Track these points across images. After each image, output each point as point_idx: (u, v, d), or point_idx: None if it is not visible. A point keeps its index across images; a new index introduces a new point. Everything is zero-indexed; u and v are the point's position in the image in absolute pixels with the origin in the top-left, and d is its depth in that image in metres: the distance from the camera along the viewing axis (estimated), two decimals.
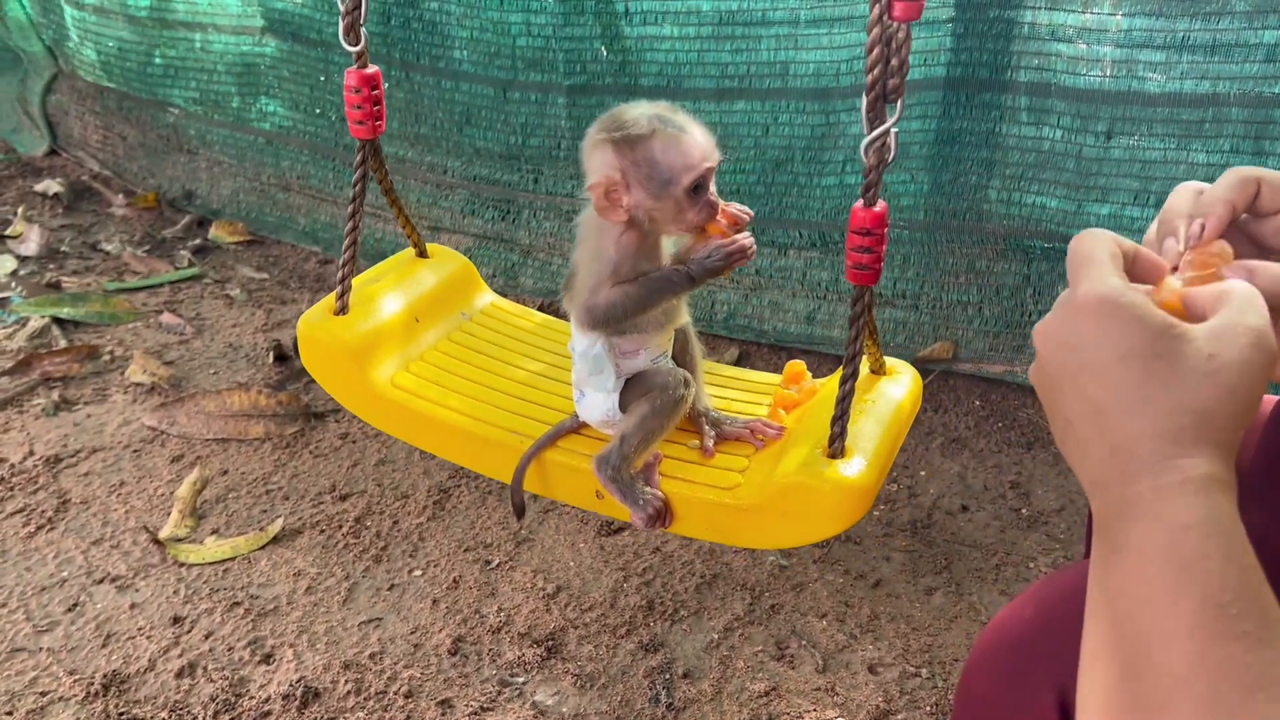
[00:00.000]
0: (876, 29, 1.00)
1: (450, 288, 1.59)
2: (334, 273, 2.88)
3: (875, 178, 1.08)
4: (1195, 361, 0.63)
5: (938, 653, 1.63)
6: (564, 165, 2.60)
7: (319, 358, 1.44)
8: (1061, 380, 0.67)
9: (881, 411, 1.27)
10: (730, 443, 1.31)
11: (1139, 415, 0.63)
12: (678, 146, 1.15)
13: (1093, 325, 0.65)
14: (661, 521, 1.24)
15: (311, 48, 2.82)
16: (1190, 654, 0.56)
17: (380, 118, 1.40)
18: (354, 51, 1.36)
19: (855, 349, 1.15)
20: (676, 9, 2.32)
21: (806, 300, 2.43)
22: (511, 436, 1.33)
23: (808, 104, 2.27)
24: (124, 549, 1.83)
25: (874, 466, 1.17)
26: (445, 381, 1.42)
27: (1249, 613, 0.56)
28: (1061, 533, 1.88)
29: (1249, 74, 1.90)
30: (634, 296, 1.20)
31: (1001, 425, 2.19)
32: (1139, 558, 0.60)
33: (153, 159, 3.29)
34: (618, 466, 1.23)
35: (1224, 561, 0.58)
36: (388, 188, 1.51)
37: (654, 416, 1.24)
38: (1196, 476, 0.61)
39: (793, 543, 1.22)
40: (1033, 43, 2.06)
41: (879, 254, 1.11)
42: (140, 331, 2.53)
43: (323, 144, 2.93)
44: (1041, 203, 2.16)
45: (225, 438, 2.13)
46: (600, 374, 1.26)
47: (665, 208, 1.16)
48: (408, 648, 1.63)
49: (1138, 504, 0.62)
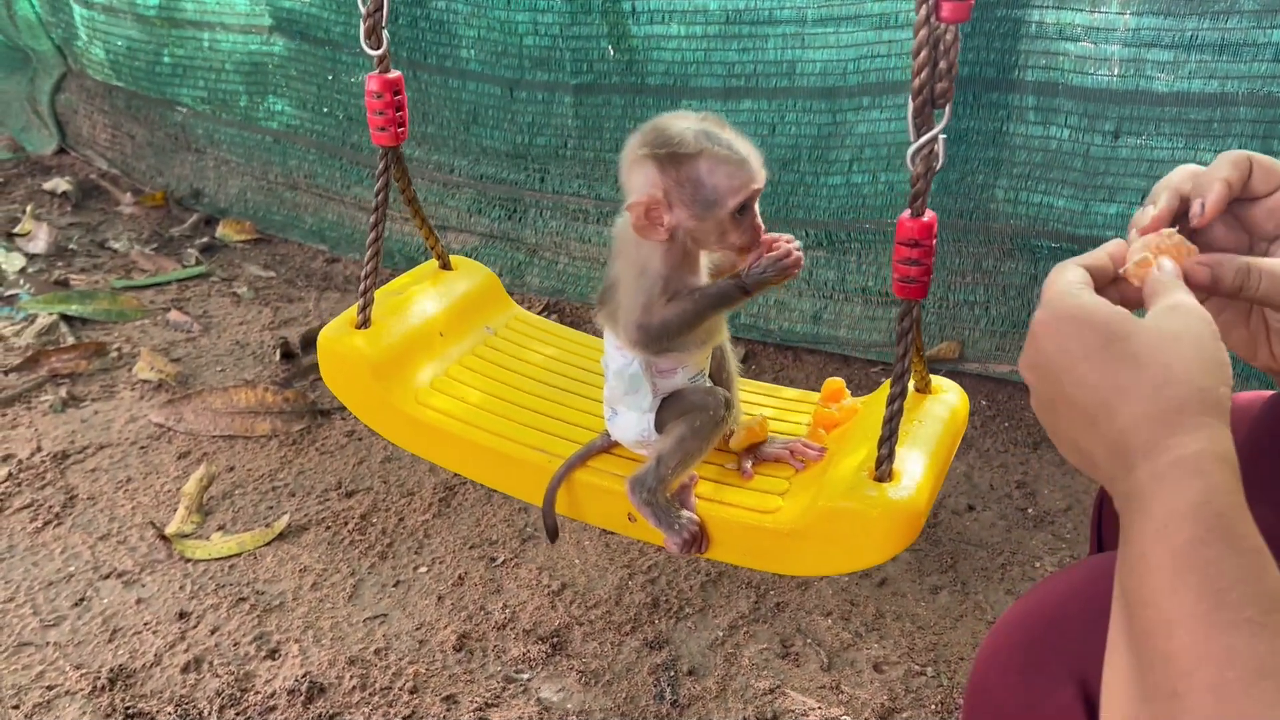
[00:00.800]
0: (924, 30, 0.95)
1: (474, 301, 1.53)
2: (340, 271, 2.90)
3: (923, 186, 1.02)
4: (1151, 337, 0.65)
5: (943, 651, 1.62)
6: (570, 164, 2.60)
7: (340, 373, 1.39)
8: (1053, 400, 0.69)
9: (929, 432, 1.21)
10: (769, 464, 1.25)
11: (1123, 403, 0.64)
12: (725, 167, 1.09)
13: (1051, 339, 0.68)
14: (697, 547, 1.18)
15: (319, 46, 2.82)
16: (1193, 644, 0.55)
17: (404, 124, 1.34)
18: (375, 55, 1.29)
19: (903, 366, 1.09)
20: (683, 8, 2.33)
21: (813, 300, 2.42)
22: (540, 456, 1.28)
23: (814, 103, 2.27)
24: (130, 544, 1.83)
25: (924, 490, 1.11)
26: (470, 398, 1.37)
27: (1250, 598, 0.56)
28: (1068, 532, 1.88)
29: (1257, 73, 1.90)
30: (689, 312, 1.14)
31: (1008, 425, 2.18)
32: (1138, 548, 0.61)
33: (161, 158, 3.30)
34: (654, 489, 1.17)
35: (1221, 547, 0.58)
36: (410, 197, 1.46)
37: (693, 438, 1.18)
38: (1189, 455, 0.61)
39: (836, 570, 1.15)
40: (1040, 42, 2.05)
41: (928, 266, 1.05)
42: (148, 329, 2.53)
43: (330, 143, 2.94)
44: (1049, 202, 2.16)
45: (232, 434, 2.13)
46: (636, 393, 1.20)
47: (708, 229, 1.12)
48: (413, 644, 1.63)
49: (1137, 493, 0.62)
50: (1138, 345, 0.65)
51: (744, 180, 1.10)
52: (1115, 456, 0.64)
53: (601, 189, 2.59)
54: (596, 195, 2.60)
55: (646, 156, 1.10)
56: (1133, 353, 0.65)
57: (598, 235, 2.64)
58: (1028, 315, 2.27)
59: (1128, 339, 0.65)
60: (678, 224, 1.12)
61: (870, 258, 2.35)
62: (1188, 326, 0.66)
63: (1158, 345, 0.65)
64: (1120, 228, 2.18)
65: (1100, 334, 0.66)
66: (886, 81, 2.19)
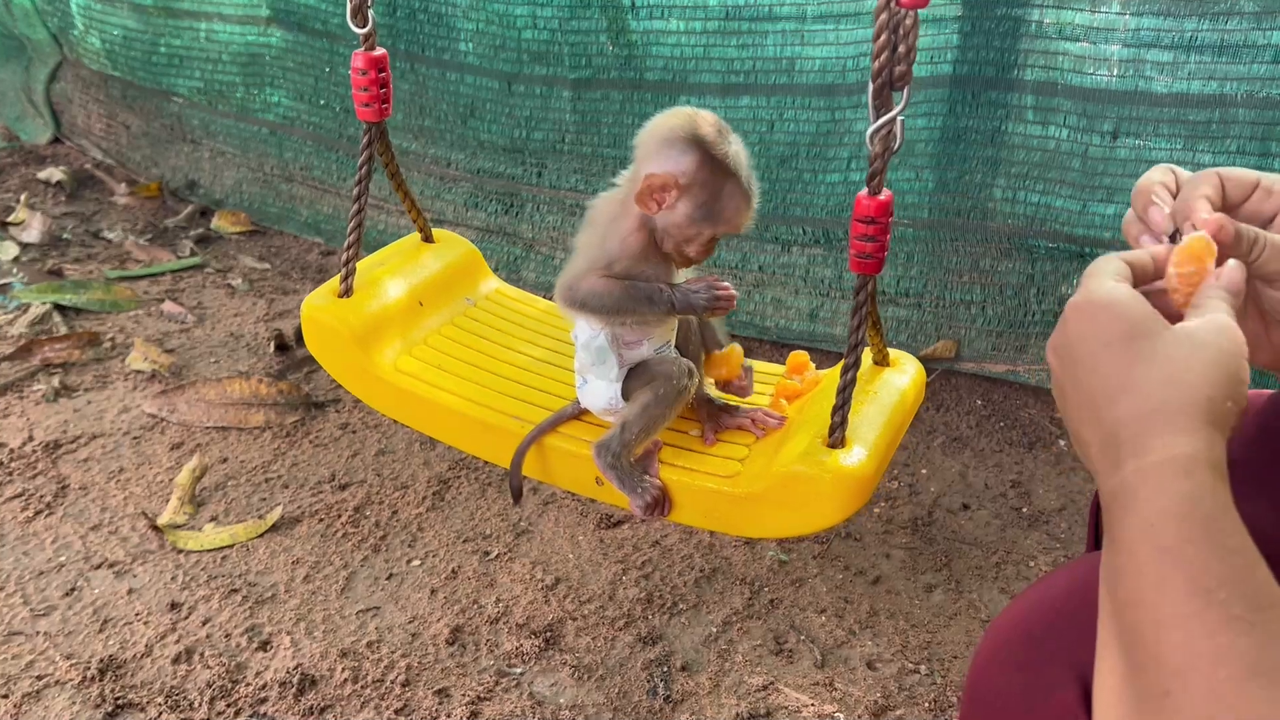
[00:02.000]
0: (884, 15, 1.00)
1: (455, 273, 1.58)
2: (336, 264, 2.88)
3: (880, 166, 1.07)
4: (1176, 339, 0.65)
5: (937, 650, 1.62)
6: (568, 159, 2.59)
7: (322, 340, 1.44)
8: (1065, 383, 0.70)
9: (883, 403, 1.27)
10: (731, 431, 1.31)
11: (1125, 396, 0.64)
12: (741, 203, 1.19)
13: (1080, 323, 0.69)
14: (660, 510, 1.24)
15: (316, 38, 2.81)
16: (1182, 644, 0.55)
17: (388, 100, 1.39)
18: (362, 33, 1.36)
19: (858, 338, 1.15)
20: (683, 3, 2.32)
21: (809, 297, 2.42)
22: (512, 422, 1.32)
23: (813, 100, 2.27)
24: (122, 535, 1.82)
25: (874, 457, 1.16)
26: (447, 366, 1.42)
27: (1238, 597, 0.55)
28: (1062, 532, 1.88)
29: (1256, 75, 1.90)
30: (612, 296, 1.21)
31: (1003, 425, 2.18)
32: (1124, 547, 0.60)
33: (156, 148, 3.29)
34: (617, 454, 1.23)
35: (1208, 546, 0.57)
36: (394, 171, 1.51)
37: (656, 405, 1.23)
38: (1179, 456, 0.60)
39: (791, 532, 1.21)
40: (1040, 41, 2.05)
41: (883, 243, 1.11)
42: (141, 319, 2.52)
43: (326, 135, 2.93)
44: (1046, 202, 2.16)
45: (225, 426, 2.12)
46: (603, 364, 1.26)
47: (686, 231, 1.20)
48: (405, 637, 1.63)
49: (1124, 491, 0.62)
50: (1160, 345, 0.65)
51: (741, 221, 1.21)
52: (1105, 450, 0.64)
53: (599, 184, 2.57)
54: (594, 190, 2.57)
55: (693, 143, 1.15)
56: (1152, 351, 0.65)
57: None
58: (1025, 315, 2.27)
59: (1151, 337, 0.65)
60: (670, 211, 1.18)
61: None
62: (1217, 341, 0.65)
63: (1178, 348, 0.64)
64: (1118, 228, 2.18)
65: (1126, 326, 0.66)
66: None
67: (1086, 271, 0.73)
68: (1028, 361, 2.28)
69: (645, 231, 1.20)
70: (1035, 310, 2.26)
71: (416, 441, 2.09)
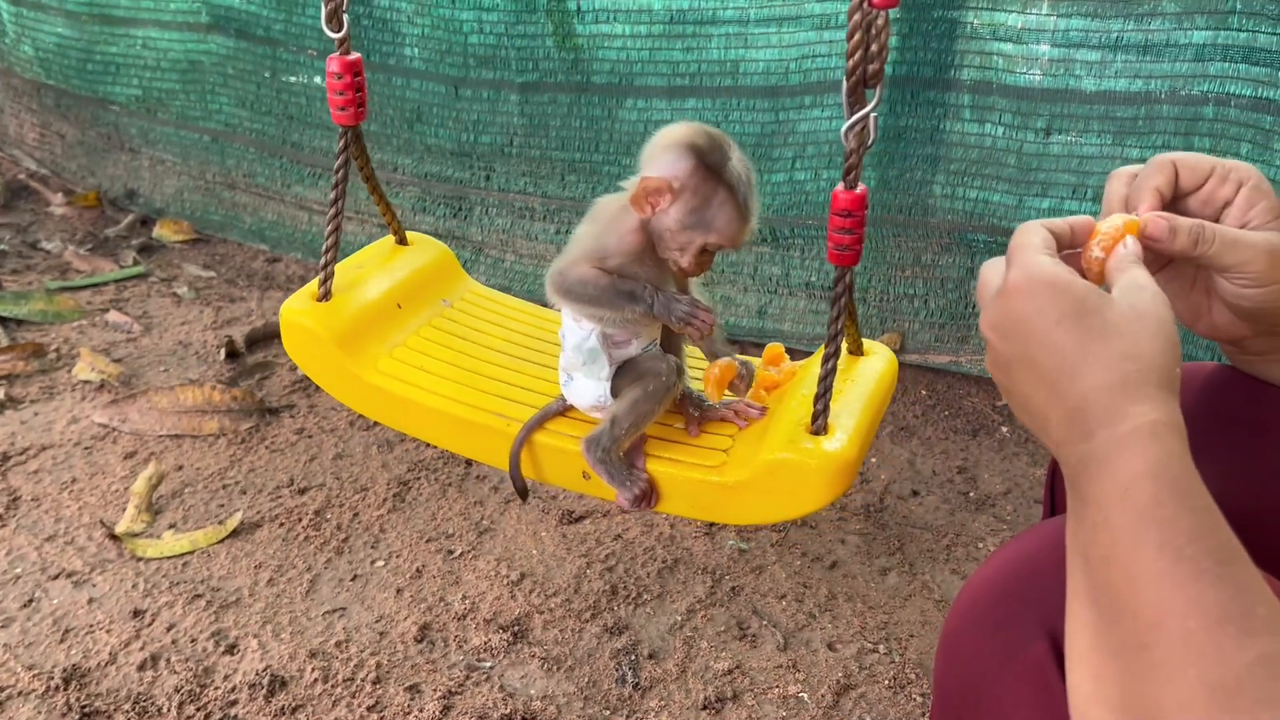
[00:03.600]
0: (858, 15, 1.03)
1: (431, 275, 1.59)
2: (282, 270, 2.88)
3: (856, 161, 1.10)
4: (1122, 312, 0.70)
5: (894, 630, 1.68)
6: (516, 162, 2.62)
7: (303, 345, 1.43)
8: (1012, 360, 0.73)
9: (861, 389, 1.30)
10: (714, 423, 1.33)
11: (1087, 370, 0.68)
12: (733, 212, 1.18)
13: (1025, 301, 0.71)
14: (647, 501, 1.26)
15: (258, 44, 2.80)
16: (1157, 598, 0.59)
17: (363, 104, 1.40)
18: (337, 38, 1.36)
19: (837, 328, 1.17)
20: (628, 7, 2.36)
21: (758, 295, 2.47)
22: (499, 420, 1.33)
23: (758, 101, 2.32)
24: (79, 545, 1.80)
25: (856, 441, 1.20)
26: (430, 367, 1.42)
27: (1206, 552, 0.60)
28: (1008, 514, 1.95)
29: (1179, 73, 1.99)
30: (598, 289, 1.22)
31: (948, 413, 2.25)
32: (1100, 510, 0.64)
33: (93, 157, 3.24)
34: (607, 448, 1.25)
35: (1177, 506, 0.62)
36: (369, 174, 1.51)
37: (646, 400, 1.25)
38: (1146, 424, 0.65)
39: (778, 517, 1.24)
40: (975, 42, 2.13)
41: (859, 235, 1.14)
42: (86, 330, 2.49)
43: (269, 142, 2.91)
44: (984, 197, 2.24)
45: (179, 434, 2.11)
46: (594, 364, 1.27)
47: (678, 237, 1.20)
48: (374, 635, 1.64)
49: (1096, 457, 0.66)
50: (1109, 318, 0.69)
51: (734, 233, 1.20)
52: (1072, 422, 0.68)
53: (548, 187, 2.61)
54: (543, 193, 2.62)
55: (690, 149, 1.17)
56: (1103, 324, 0.69)
57: (544, 233, 2.66)
58: (965, 307, 2.35)
59: (1100, 312, 0.69)
60: (664, 215, 1.19)
61: (813, 253, 2.40)
62: (1153, 308, 0.70)
63: (1127, 321, 0.69)
64: None
65: (1075, 303, 0.70)
66: (828, 80, 2.25)
67: (1014, 243, 0.76)
68: (970, 352, 2.36)
69: (643, 235, 1.21)
70: (975, 302, 2.34)
71: (374, 444, 2.09)
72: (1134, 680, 0.59)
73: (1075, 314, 0.70)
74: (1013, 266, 0.74)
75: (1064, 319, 0.69)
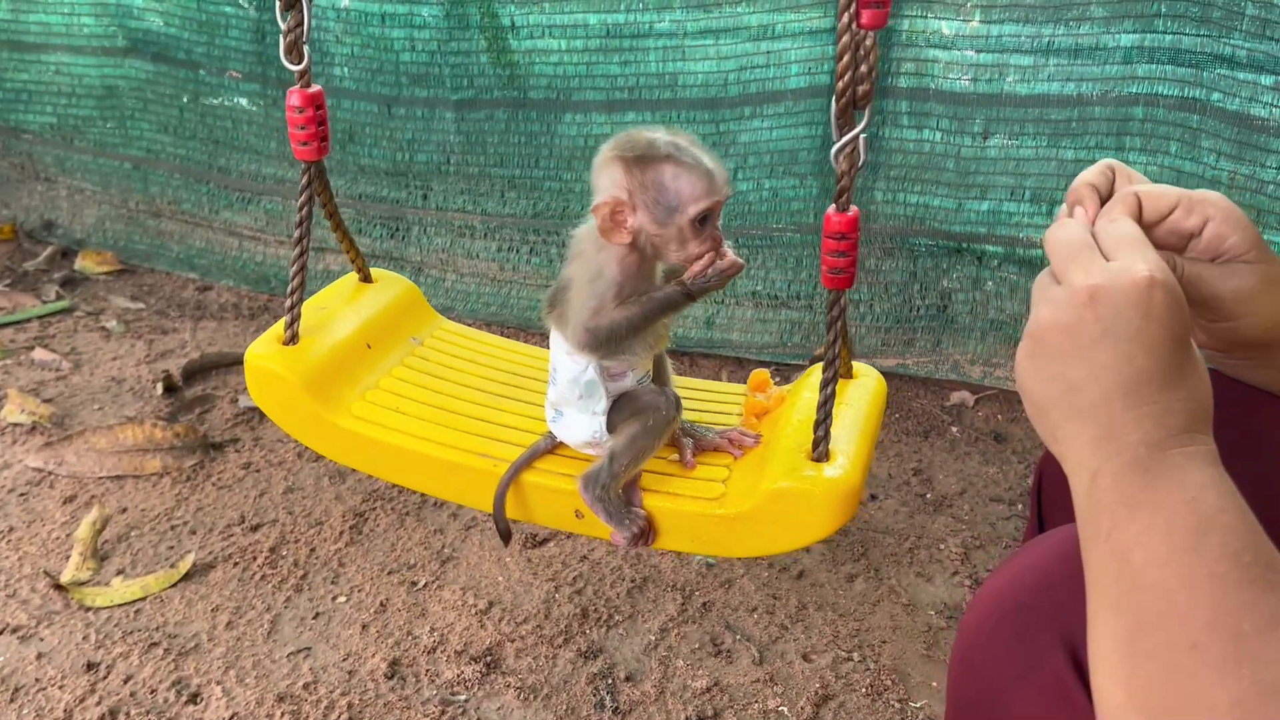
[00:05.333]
0: (846, 37, 1.02)
1: (398, 312, 1.53)
2: (215, 299, 2.80)
3: (847, 183, 1.07)
4: (1199, 359, 0.74)
5: (866, 636, 1.69)
6: (454, 180, 2.58)
7: (270, 391, 1.36)
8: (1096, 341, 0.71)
9: (855, 413, 1.29)
10: (709, 453, 1.30)
11: (1179, 388, 0.70)
12: (690, 175, 1.12)
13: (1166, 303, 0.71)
14: (645, 539, 1.22)
15: (178, 68, 2.72)
16: (1214, 600, 0.62)
17: (326, 138, 1.35)
18: (296, 70, 1.30)
19: (834, 352, 1.15)
20: (563, 22, 2.35)
21: (704, 305, 2.47)
22: (483, 460, 1.29)
23: (698, 113, 2.33)
24: (21, 597, 1.73)
25: (857, 466, 1.18)
26: (406, 409, 1.36)
27: (1261, 561, 0.63)
28: (965, 514, 1.98)
29: (1109, 75, 2.04)
30: (636, 316, 1.17)
31: (899, 416, 2.28)
32: (1160, 513, 0.66)
33: (6, 188, 3.11)
34: (606, 485, 1.21)
35: (1238, 515, 0.65)
36: (332, 211, 1.46)
37: (645, 436, 1.21)
38: (1210, 450, 0.70)
39: (783, 548, 1.22)
40: (910, 49, 2.16)
41: (853, 258, 1.11)
42: (11, 369, 2.39)
43: (195, 167, 2.83)
44: (925, 202, 2.27)
45: (120, 474, 2.03)
46: (592, 398, 1.23)
47: (669, 235, 1.15)
48: (342, 675, 1.59)
49: (1161, 464, 0.68)
50: (1195, 351, 0.73)
51: (706, 189, 1.13)
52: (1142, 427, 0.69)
53: (487, 204, 2.58)
54: (482, 210, 2.59)
55: (615, 159, 1.14)
56: (1196, 359, 0.73)
57: (485, 251, 2.63)
58: (909, 310, 2.38)
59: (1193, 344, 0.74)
60: (641, 227, 1.15)
61: (758, 262, 2.41)
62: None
63: (1199, 357, 0.74)
64: (993, 224, 2.30)
65: (1188, 325, 0.73)
66: (767, 91, 2.26)
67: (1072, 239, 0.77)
68: (915, 354, 2.39)
69: (636, 251, 1.18)
70: (919, 305, 2.37)
71: (325, 475, 2.04)
72: (1182, 681, 0.61)
73: (1186, 337, 0.72)
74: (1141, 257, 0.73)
75: (1181, 339, 0.71)
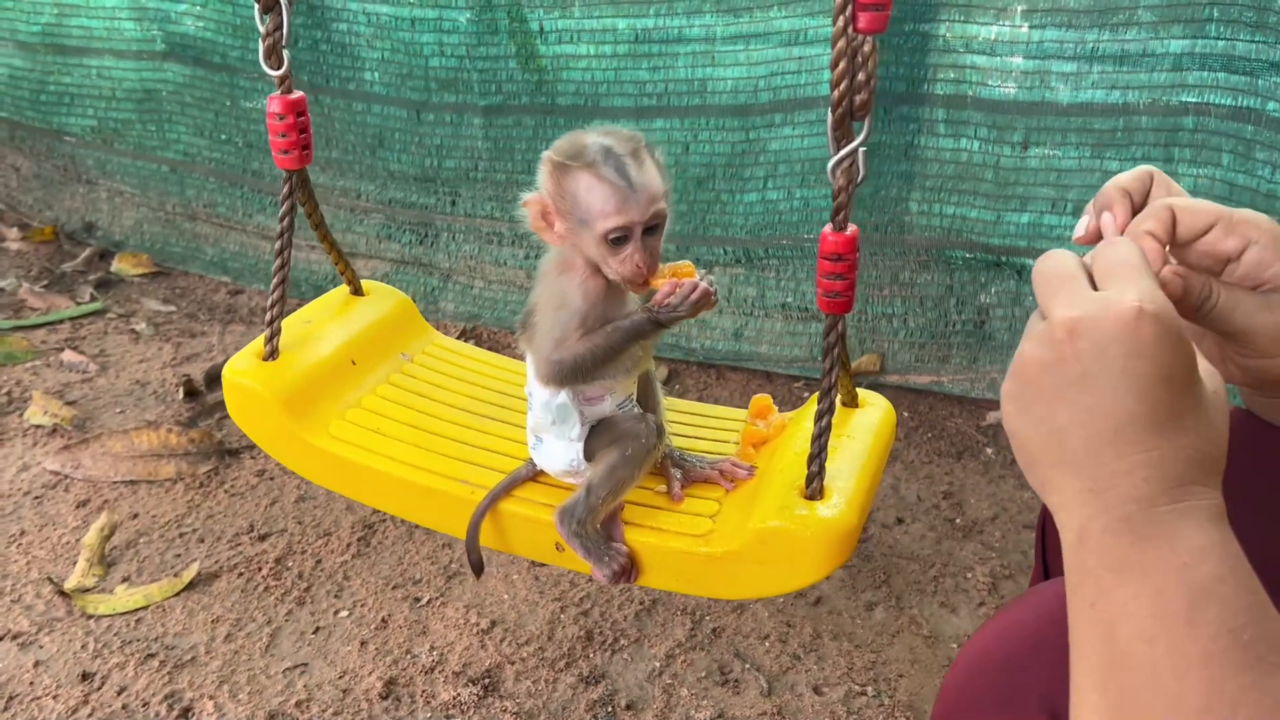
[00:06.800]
0: (841, 42, 0.94)
1: (388, 327, 1.48)
2: (245, 303, 2.80)
3: (845, 200, 1.01)
4: (1210, 400, 0.64)
5: (882, 669, 1.61)
6: (482, 186, 2.55)
7: (247, 408, 1.33)
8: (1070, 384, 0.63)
9: (858, 446, 1.21)
10: (699, 485, 1.24)
11: (1173, 436, 0.61)
12: (603, 190, 1.06)
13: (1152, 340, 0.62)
14: (626, 577, 1.16)
15: (216, 72, 2.73)
16: (1207, 682, 0.54)
17: (308, 146, 1.30)
18: (276, 76, 1.26)
19: (830, 381, 1.08)
20: (592, 27, 2.30)
21: (733, 317, 2.41)
22: (462, 487, 1.24)
23: (727, 120, 2.26)
24: (26, 603, 1.72)
25: (854, 506, 1.10)
26: (387, 429, 1.32)
27: (1262, 639, 0.56)
28: (997, 541, 1.89)
29: (1157, 83, 1.94)
30: (601, 348, 1.12)
31: (931, 435, 2.19)
32: (1150, 580, 0.59)
33: (49, 190, 3.15)
34: (582, 520, 1.15)
35: (1238, 587, 0.58)
36: (318, 221, 1.42)
37: (624, 466, 1.15)
38: (1213, 505, 0.61)
39: (771, 591, 1.14)
40: (948, 56, 2.08)
41: (851, 280, 1.04)
42: (40, 370, 2.40)
43: (230, 171, 2.84)
44: (961, 213, 2.18)
45: (134, 479, 2.02)
46: (565, 423, 1.17)
47: (589, 248, 1.11)
48: (336, 694, 1.56)
49: (1151, 523, 0.60)
50: (1202, 393, 0.63)
51: (615, 208, 1.07)
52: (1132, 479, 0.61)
53: (515, 211, 2.54)
54: (510, 217, 2.55)
55: (546, 159, 1.12)
56: (1198, 400, 0.63)
57: (513, 258, 2.59)
58: (945, 325, 2.29)
59: (1197, 385, 0.63)
60: (565, 235, 1.12)
61: (788, 273, 2.34)
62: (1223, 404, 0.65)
63: (1213, 404, 0.64)
64: (1033, 237, 2.20)
65: (1187, 367, 0.63)
66: (798, 98, 2.19)
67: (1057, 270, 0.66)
68: (950, 371, 2.30)
69: (600, 275, 1.13)
70: (955, 320, 2.28)
71: None
72: None
73: (1183, 379, 0.62)
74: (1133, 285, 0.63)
75: (1174, 379, 0.61)
